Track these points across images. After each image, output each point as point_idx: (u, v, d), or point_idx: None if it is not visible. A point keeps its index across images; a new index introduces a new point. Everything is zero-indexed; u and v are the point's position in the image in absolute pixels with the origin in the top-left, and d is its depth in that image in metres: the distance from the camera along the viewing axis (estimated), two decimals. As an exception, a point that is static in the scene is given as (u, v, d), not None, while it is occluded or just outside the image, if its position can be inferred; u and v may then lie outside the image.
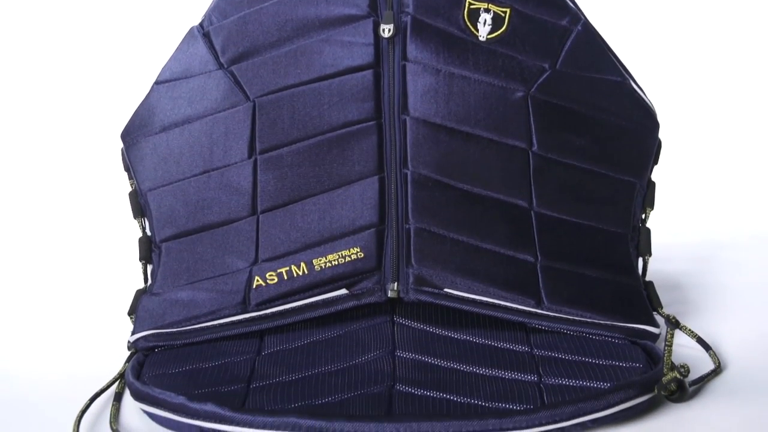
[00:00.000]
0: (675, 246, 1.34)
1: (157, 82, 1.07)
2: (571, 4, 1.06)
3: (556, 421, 0.84)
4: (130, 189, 1.09)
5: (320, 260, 1.00)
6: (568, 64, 1.04)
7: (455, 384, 0.91)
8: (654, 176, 1.09)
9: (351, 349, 0.98)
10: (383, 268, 1.01)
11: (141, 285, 1.09)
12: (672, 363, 0.88)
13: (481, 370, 0.93)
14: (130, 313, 1.06)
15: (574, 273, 1.01)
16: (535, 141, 1.02)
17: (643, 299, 1.04)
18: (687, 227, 1.47)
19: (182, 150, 1.04)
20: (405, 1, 1.03)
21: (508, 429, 0.83)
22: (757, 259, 1.35)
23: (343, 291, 1.01)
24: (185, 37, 1.07)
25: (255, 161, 1.03)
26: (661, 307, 1.06)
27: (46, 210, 1.61)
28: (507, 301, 0.99)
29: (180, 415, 0.87)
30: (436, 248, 1.00)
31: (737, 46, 1.77)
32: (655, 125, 1.07)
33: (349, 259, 1.00)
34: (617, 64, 1.07)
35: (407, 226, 1.00)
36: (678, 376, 0.88)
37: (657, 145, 1.08)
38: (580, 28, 1.05)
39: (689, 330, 1.06)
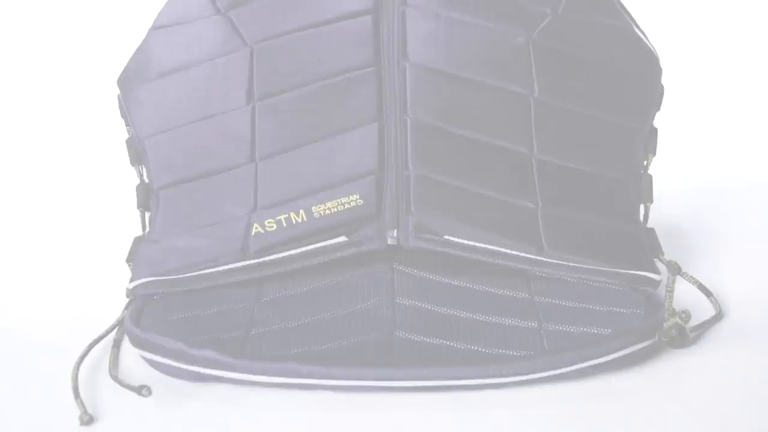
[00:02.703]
0: (677, 193, 1.33)
1: (153, 28, 1.05)
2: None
3: (556, 367, 0.84)
4: (127, 136, 1.08)
5: (319, 207, 0.99)
6: (570, 9, 1.03)
7: (455, 330, 0.91)
8: (656, 122, 1.08)
9: (351, 296, 0.98)
10: (383, 216, 1.00)
11: (139, 232, 1.09)
12: (673, 309, 0.88)
13: (481, 317, 0.93)
14: (128, 261, 1.06)
15: (575, 220, 1.00)
16: (536, 87, 1.01)
17: (644, 246, 1.03)
18: (689, 174, 1.46)
19: (180, 96, 1.03)
20: (404, -55, 1.02)
21: (508, 375, 0.84)
22: (758, 206, 1.34)
23: (343, 238, 1.00)
24: (182, -20, 1.06)
25: (253, 108, 1.02)
26: (663, 254, 1.06)
27: (43, 157, 1.60)
28: (507, 248, 0.98)
29: (179, 362, 0.87)
30: (436, 195, 0.99)
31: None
32: (658, 71, 1.06)
33: (349, 206, 1.00)
34: (620, 8, 1.05)
35: (407, 173, 1.00)
36: (679, 322, 0.88)
37: (659, 91, 1.07)
38: (583, -29, 1.04)
39: (690, 276, 1.06)
